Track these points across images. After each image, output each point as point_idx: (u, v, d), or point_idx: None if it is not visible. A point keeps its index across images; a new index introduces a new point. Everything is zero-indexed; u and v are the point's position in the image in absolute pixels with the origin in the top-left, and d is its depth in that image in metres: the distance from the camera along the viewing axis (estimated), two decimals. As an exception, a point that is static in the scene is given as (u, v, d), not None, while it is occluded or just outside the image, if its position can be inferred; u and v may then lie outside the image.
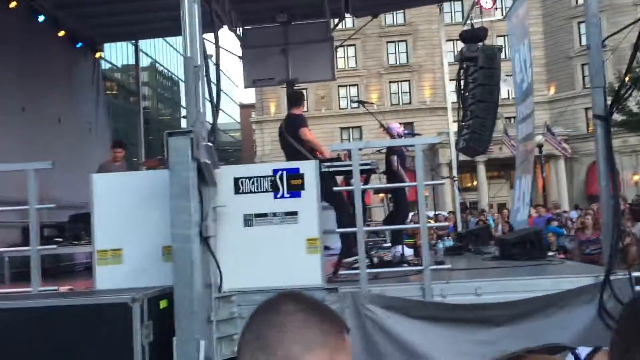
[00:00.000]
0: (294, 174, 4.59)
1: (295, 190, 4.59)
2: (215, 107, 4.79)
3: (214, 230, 4.34)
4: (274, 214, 4.60)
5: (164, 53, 47.66)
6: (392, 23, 40.75)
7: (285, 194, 4.59)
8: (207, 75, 4.61)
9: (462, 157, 11.08)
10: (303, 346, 1.00)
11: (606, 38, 5.32)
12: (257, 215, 4.61)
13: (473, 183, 36.56)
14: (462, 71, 9.27)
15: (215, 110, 4.81)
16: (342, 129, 39.34)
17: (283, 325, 1.02)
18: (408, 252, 6.77)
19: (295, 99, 6.59)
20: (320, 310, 1.07)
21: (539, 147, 27.76)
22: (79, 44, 10.04)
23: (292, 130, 6.10)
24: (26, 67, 8.42)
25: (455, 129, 10.53)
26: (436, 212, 15.79)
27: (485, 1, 14.35)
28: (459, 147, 9.45)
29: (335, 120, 38.66)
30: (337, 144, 16.49)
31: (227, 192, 4.59)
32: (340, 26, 10.29)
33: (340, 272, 5.15)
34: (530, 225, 10.18)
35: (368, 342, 4.35)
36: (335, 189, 5.13)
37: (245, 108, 58.86)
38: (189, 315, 4.00)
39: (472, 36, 9.40)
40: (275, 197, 4.60)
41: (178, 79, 53.81)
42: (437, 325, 4.28)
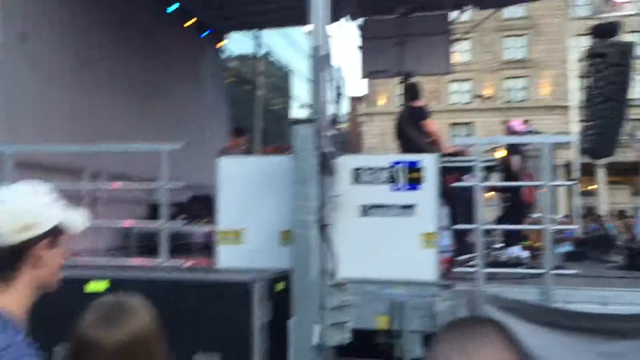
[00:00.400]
0: (413, 167, 4.56)
1: (413, 183, 4.55)
2: (338, 98, 4.84)
3: (332, 219, 4.41)
4: (391, 206, 4.60)
5: (277, 43, 48.85)
6: (511, 16, 39.17)
7: (404, 187, 4.57)
8: (331, 66, 4.67)
9: (583, 159, 10.49)
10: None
11: None
12: (373, 206, 4.63)
13: (591, 187, 34.54)
14: (591, 68, 8.75)
15: (338, 101, 4.86)
16: (451, 124, 38.50)
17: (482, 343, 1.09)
18: (523, 254, 6.54)
19: (416, 91, 6.54)
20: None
21: (669, 152, 25.73)
22: (204, 33, 10.50)
23: (413, 122, 6.06)
24: (155, 55, 8.93)
25: (577, 128, 9.98)
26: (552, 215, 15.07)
27: (618, -6, 13.47)
28: (582, 149, 8.94)
29: (445, 116, 37.81)
30: (459, 139, 16.17)
31: (346, 181, 4.64)
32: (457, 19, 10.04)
33: (454, 269, 5.06)
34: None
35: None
36: (456, 184, 5.02)
37: (354, 100, 59.13)
38: (305, 299, 4.10)
39: (604, 31, 8.80)
40: (393, 189, 4.60)
41: (290, 69, 55.07)
42: (558, 332, 4.10)
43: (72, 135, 6.75)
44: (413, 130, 6.02)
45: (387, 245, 4.61)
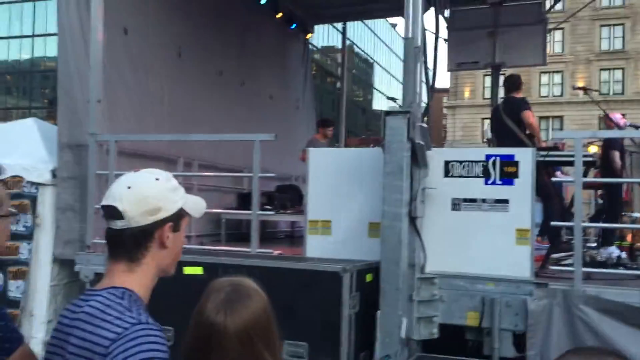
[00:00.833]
0: (508, 161, 4.43)
1: (508, 178, 4.42)
2: (431, 89, 4.78)
3: (422, 212, 4.36)
4: (484, 200, 4.49)
5: (360, 35, 48.76)
6: (608, 5, 37.14)
7: (497, 181, 4.44)
8: (425, 57, 4.62)
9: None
10: None
11: None
12: (465, 200, 4.53)
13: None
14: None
15: (430, 92, 4.80)
16: (541, 118, 37.04)
17: None
18: (622, 254, 6.22)
19: (516, 82, 6.37)
20: None
21: None
22: (292, 26, 10.62)
23: (511, 114, 5.91)
24: (246, 46, 9.12)
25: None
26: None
27: None
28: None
29: (535, 109, 36.52)
30: (558, 133, 15.56)
31: (437, 174, 4.57)
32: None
33: (549, 267, 4.89)
34: None
35: (577, 344, 4.08)
36: (553, 179, 4.84)
37: (436, 92, 58.15)
38: (394, 292, 4.09)
39: None
40: (486, 183, 4.48)
41: (373, 61, 54.82)
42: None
43: (168, 126, 7.04)
44: (511, 122, 5.86)
45: (479, 240, 4.50)
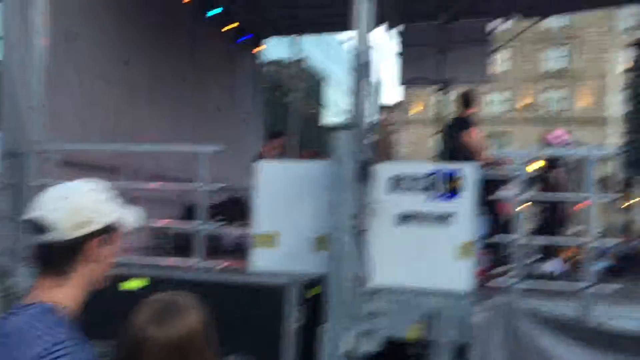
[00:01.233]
0: (452, 176, 4.51)
1: (452, 193, 4.50)
2: (375, 105, 4.82)
3: (368, 225, 4.39)
4: (428, 215, 4.55)
5: (312, 49, 49.00)
6: (553, 26, 38.59)
7: (442, 195, 4.52)
8: (370, 73, 4.66)
9: (622, 173, 10.20)
10: None
11: None
12: (410, 214, 4.59)
13: (630, 202, 33.64)
14: (635, 80, 8.54)
15: (375, 108, 4.85)
16: (490, 134, 38.00)
17: None
18: (561, 267, 6.41)
19: (466, 99, 6.44)
20: None
21: None
22: (243, 38, 10.59)
23: (460, 130, 6.02)
24: (194, 57, 9.05)
25: (615, 141, 9.72)
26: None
27: (665, 5, 13.14)
28: (624, 162, 8.72)
29: (482, 125, 37.54)
30: (500, 150, 15.99)
31: (383, 188, 4.61)
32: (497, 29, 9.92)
33: (490, 281, 4.98)
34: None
35: (516, 357, 4.17)
36: (498, 194, 4.95)
37: (386, 107, 58.95)
38: (338, 305, 4.09)
39: (651, 43, 8.62)
40: (431, 197, 4.55)
41: (324, 75, 55.14)
42: (595, 352, 3.99)
43: (113, 134, 6.89)
44: (457, 139, 5.97)
45: (423, 254, 4.56)
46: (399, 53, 9.66)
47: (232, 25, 10.02)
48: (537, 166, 7.13)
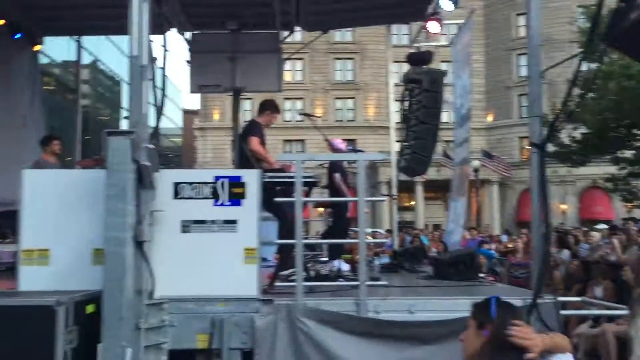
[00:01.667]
0: (235, 182, 4.53)
1: (236, 199, 4.52)
2: (159, 110, 4.68)
3: (149, 235, 4.22)
4: (213, 222, 4.52)
5: (106, 51, 46.44)
6: (340, 40, 41.30)
7: (226, 202, 4.52)
8: (152, 77, 4.51)
9: (402, 176, 11.24)
10: None
11: (545, 70, 5.54)
12: (195, 222, 4.52)
13: (411, 203, 37.24)
14: (406, 92, 9.44)
15: (159, 113, 4.70)
16: (285, 141, 39.35)
17: None
18: (345, 267, 6.82)
19: (262, 106, 6.43)
20: None
21: (475, 171, 28.62)
22: (17, 35, 9.63)
23: (245, 137, 6.05)
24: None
25: (397, 148, 10.68)
26: (374, 229, 15.98)
27: (431, 26, 14.69)
28: (400, 167, 9.59)
29: (278, 133, 38.64)
30: (281, 155, 16.50)
31: (166, 196, 4.48)
32: (290, 39, 10.30)
33: (276, 284, 5.12)
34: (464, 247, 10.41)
35: (301, 356, 4.32)
36: (277, 200, 5.08)
37: (189, 114, 58.01)
38: (116, 322, 3.87)
39: (418, 59, 9.60)
40: (215, 204, 4.53)
41: (120, 79, 52.54)
42: (369, 341, 4.30)
43: None
44: (245, 145, 6.00)
45: (209, 261, 4.52)
46: (188, 60, 9.55)
47: (3, 22, 9.04)
48: (318, 172, 7.50)
